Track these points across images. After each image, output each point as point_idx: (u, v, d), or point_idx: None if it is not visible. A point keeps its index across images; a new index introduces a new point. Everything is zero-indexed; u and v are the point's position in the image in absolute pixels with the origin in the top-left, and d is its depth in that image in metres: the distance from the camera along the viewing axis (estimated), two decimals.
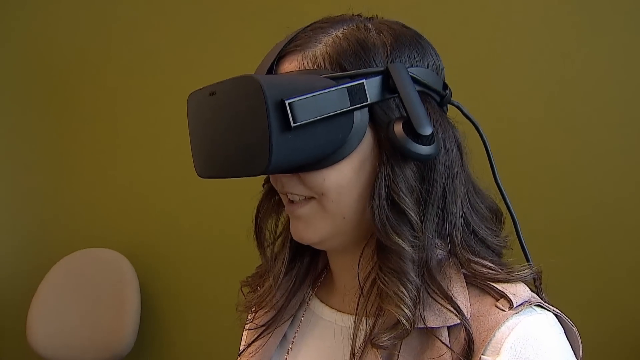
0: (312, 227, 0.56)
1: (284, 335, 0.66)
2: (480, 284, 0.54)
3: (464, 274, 0.55)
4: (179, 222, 1.85)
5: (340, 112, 0.51)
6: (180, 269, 1.86)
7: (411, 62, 0.55)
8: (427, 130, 0.51)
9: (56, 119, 2.03)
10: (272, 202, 0.65)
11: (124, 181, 1.93)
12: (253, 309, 0.69)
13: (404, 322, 0.51)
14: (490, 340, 0.50)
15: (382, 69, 0.53)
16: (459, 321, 0.51)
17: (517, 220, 0.61)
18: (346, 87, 0.51)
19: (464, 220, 0.56)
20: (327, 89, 0.51)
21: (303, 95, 0.49)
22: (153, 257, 1.88)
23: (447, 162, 0.55)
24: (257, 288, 0.69)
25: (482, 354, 0.50)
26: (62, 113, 2.02)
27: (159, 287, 1.87)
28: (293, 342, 0.65)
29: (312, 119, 0.49)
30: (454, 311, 0.52)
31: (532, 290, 0.55)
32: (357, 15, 0.59)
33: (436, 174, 0.54)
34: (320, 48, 0.54)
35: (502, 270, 0.55)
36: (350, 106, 0.51)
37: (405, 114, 0.53)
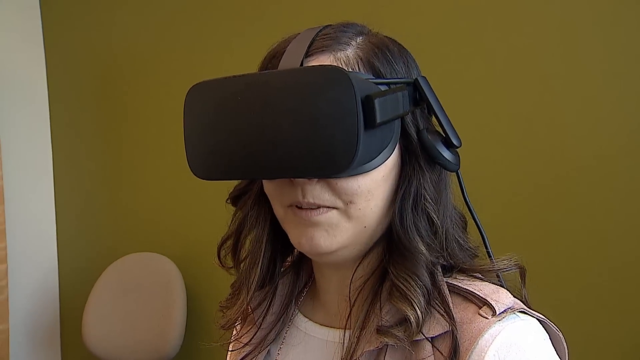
0: (332, 235, 0.52)
1: (268, 352, 0.64)
2: (463, 292, 0.53)
3: (446, 282, 0.55)
4: (224, 228, 1.87)
5: (397, 116, 0.51)
6: (225, 274, 1.89)
7: (418, 74, 0.57)
8: (458, 142, 0.54)
9: (113, 131, 2.13)
10: (261, 212, 0.60)
11: (173, 189, 1.99)
12: (236, 327, 0.67)
13: (414, 322, 0.50)
14: (474, 348, 0.49)
15: (411, 80, 0.54)
16: (447, 329, 0.50)
17: (484, 234, 0.61)
18: (402, 92, 0.51)
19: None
20: (398, 91, 0.50)
21: (385, 94, 0.48)
22: (199, 263, 1.92)
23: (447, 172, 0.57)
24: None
25: None
26: (119, 124, 2.11)
27: (204, 291, 1.91)
28: (277, 359, 0.63)
29: (388, 119, 0.48)
30: (448, 319, 0.51)
31: (514, 295, 0.55)
32: (362, 24, 0.59)
33: (445, 182, 0.57)
34: (350, 51, 0.53)
35: (485, 263, 0.57)
36: (403, 111, 0.51)
37: (428, 125, 0.56)
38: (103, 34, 2.11)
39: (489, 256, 0.60)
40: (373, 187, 0.52)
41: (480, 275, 0.56)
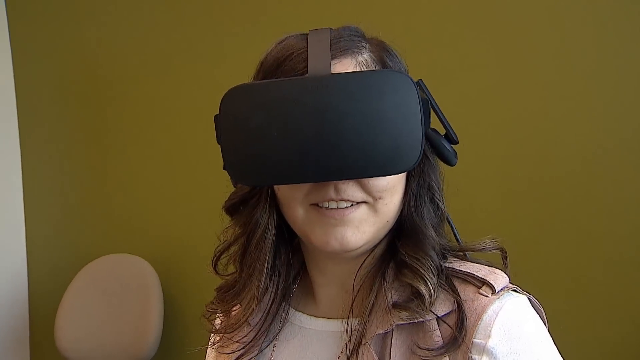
0: (361, 231, 0.55)
1: (261, 352, 0.64)
2: (461, 275, 0.57)
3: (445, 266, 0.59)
4: (201, 229, 1.86)
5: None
6: (202, 275, 1.87)
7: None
8: (457, 139, 0.59)
9: (87, 130, 2.08)
10: (272, 215, 0.60)
11: (149, 189, 1.96)
12: (216, 327, 0.67)
13: (426, 296, 0.54)
14: (480, 323, 0.53)
15: (415, 81, 0.57)
16: (452, 308, 0.54)
17: (452, 223, 0.65)
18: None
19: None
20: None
21: (429, 96, 0.53)
22: (176, 264, 1.91)
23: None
24: (227, 312, 0.66)
25: (474, 338, 0.52)
26: (91, 122, 2.06)
27: (181, 292, 1.89)
28: (272, 356, 0.64)
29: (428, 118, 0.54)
30: (455, 295, 0.55)
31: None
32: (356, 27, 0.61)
33: (441, 174, 0.62)
34: (366, 54, 0.56)
35: (469, 243, 0.62)
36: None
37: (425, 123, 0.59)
38: (72, 27, 2.06)
39: (457, 241, 0.64)
40: (397, 182, 0.56)
41: (468, 258, 0.61)
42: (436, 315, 0.54)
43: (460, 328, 0.53)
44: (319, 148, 0.49)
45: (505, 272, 0.59)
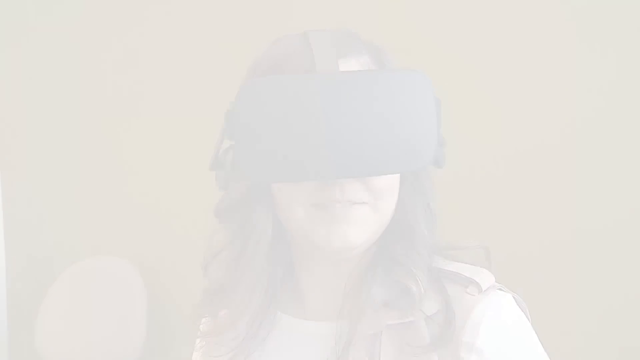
0: (363, 231, 0.56)
1: (249, 355, 0.63)
2: (447, 274, 0.59)
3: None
4: (188, 232, 1.84)
5: None
6: (188, 279, 1.85)
7: None
8: (444, 141, 0.59)
9: (69, 128, 2.03)
10: (269, 216, 0.59)
11: (133, 190, 1.94)
12: (201, 328, 0.68)
13: (416, 293, 0.55)
14: (468, 322, 0.54)
15: None
16: (440, 308, 0.55)
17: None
18: None
19: None
20: None
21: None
22: (161, 267, 1.89)
23: None
24: (215, 316, 0.66)
25: (462, 337, 0.54)
26: (75, 122, 2.02)
27: (167, 296, 1.87)
28: None
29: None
30: (443, 296, 0.56)
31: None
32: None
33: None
34: (366, 55, 0.58)
35: (452, 242, 0.63)
36: None
37: None
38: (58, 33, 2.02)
39: None
40: (395, 182, 0.57)
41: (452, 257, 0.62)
42: (425, 314, 0.55)
43: (448, 327, 0.54)
44: (339, 145, 0.50)
45: (489, 271, 0.60)
